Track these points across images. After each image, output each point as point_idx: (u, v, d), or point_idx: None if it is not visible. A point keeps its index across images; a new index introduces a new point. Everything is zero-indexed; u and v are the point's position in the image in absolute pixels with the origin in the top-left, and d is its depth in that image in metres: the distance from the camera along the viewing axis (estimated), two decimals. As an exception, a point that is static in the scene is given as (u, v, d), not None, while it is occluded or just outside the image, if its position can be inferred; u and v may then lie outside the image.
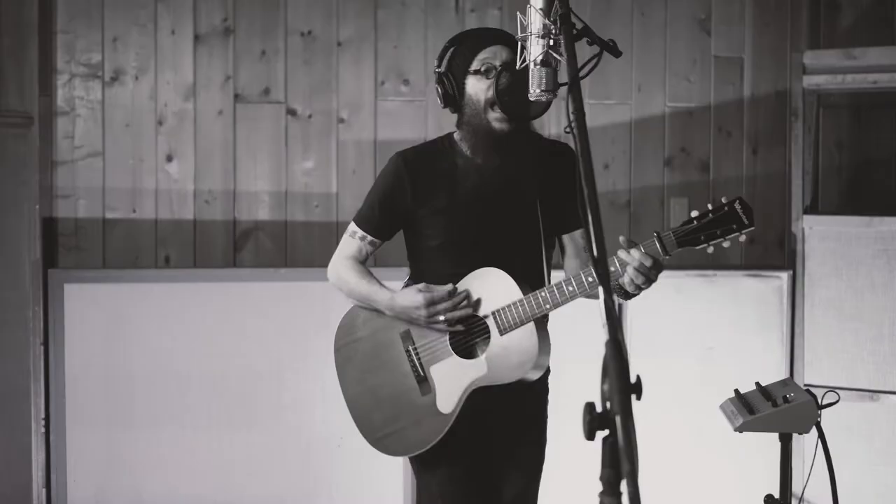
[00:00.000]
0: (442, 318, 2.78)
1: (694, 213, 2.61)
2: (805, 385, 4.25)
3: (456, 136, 2.90)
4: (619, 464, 1.55)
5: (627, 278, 2.59)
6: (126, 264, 4.35)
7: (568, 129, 1.88)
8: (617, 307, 2.72)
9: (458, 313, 2.79)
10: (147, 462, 4.18)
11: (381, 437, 2.93)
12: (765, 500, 2.75)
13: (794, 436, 4.23)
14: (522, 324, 2.73)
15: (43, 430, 4.11)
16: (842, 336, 4.21)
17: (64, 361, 4.10)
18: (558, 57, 2.20)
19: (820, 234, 4.29)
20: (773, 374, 4.25)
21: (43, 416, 4.11)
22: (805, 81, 4.33)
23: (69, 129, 4.31)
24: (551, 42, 2.17)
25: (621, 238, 2.62)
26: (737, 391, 2.98)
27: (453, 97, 2.81)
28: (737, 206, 2.56)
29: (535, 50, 2.19)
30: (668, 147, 4.71)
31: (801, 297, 4.30)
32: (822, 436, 2.77)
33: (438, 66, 2.83)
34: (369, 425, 2.95)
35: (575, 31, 1.99)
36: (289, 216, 4.46)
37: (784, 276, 4.32)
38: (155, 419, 4.17)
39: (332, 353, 3.05)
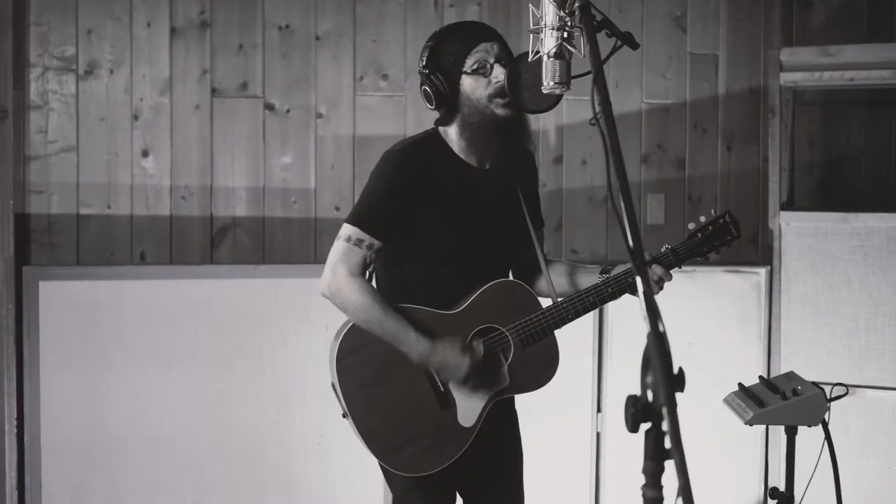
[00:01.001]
0: (477, 381, 2.75)
1: (692, 227, 2.84)
2: (782, 379, 4.30)
3: (443, 133, 2.84)
4: (662, 456, 1.54)
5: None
6: (100, 261, 4.27)
7: (593, 122, 1.87)
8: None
9: (490, 380, 2.77)
10: (124, 463, 4.11)
11: (397, 454, 2.77)
12: (770, 493, 2.76)
13: (771, 429, 4.30)
14: (545, 335, 2.74)
15: (16, 430, 4.02)
16: (818, 331, 4.25)
17: (38, 360, 4.01)
18: (572, 49, 2.19)
19: (796, 230, 4.33)
20: (752, 368, 4.29)
21: (16, 415, 4.02)
22: (782, 78, 4.36)
23: (42, 123, 4.22)
24: (565, 34, 2.16)
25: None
26: (741, 385, 2.99)
27: (446, 96, 2.74)
28: (727, 218, 2.85)
29: (549, 42, 2.17)
30: (645, 143, 4.73)
31: (777, 292, 4.33)
32: (826, 429, 2.79)
33: (424, 67, 2.77)
34: (382, 443, 2.77)
35: (595, 23, 1.98)
36: (266, 212, 4.40)
37: (762, 272, 4.36)
38: (132, 419, 4.10)
39: (329, 362, 2.85)
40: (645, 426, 1.56)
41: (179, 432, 4.14)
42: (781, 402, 2.74)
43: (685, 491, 1.39)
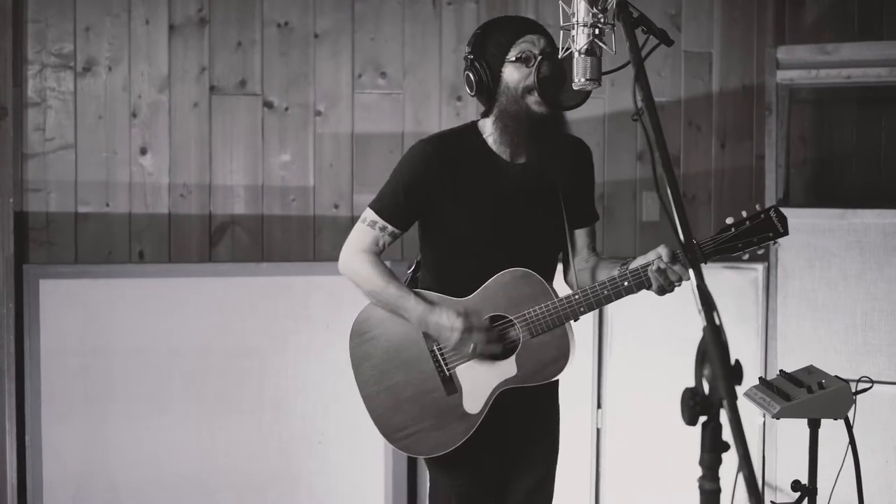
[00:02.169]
0: (472, 346, 2.74)
1: (729, 220, 2.67)
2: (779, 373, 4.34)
3: (481, 126, 2.86)
4: (720, 448, 1.55)
5: (657, 284, 2.63)
6: (98, 259, 4.24)
7: (635, 118, 1.89)
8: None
9: (489, 348, 2.77)
10: (125, 459, 4.08)
11: (402, 437, 2.86)
12: (792, 486, 2.79)
13: (761, 422, 4.33)
14: (554, 327, 2.74)
15: (16, 428, 3.99)
16: (815, 327, 4.29)
17: (39, 359, 3.98)
18: (603, 46, 2.20)
19: (794, 226, 4.28)
20: (750, 364, 4.33)
21: (16, 414, 3.99)
22: (779, 76, 4.39)
23: (40, 120, 4.19)
24: (596, 31, 2.17)
25: (662, 246, 2.66)
26: (762, 378, 3.01)
27: (487, 85, 2.75)
28: (772, 214, 2.67)
29: (581, 39, 2.19)
30: (640, 141, 4.75)
31: (774, 288, 4.37)
32: (848, 424, 2.81)
33: (469, 53, 2.78)
34: (390, 425, 2.88)
35: (631, 20, 1.99)
36: (265, 210, 4.39)
37: (759, 269, 4.39)
38: (132, 416, 4.08)
39: (344, 350, 2.95)
40: (702, 418, 1.57)
41: (179, 430, 4.12)
42: (808, 395, 2.76)
43: (750, 481, 1.41)
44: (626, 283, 2.69)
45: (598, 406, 4.34)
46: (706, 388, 1.56)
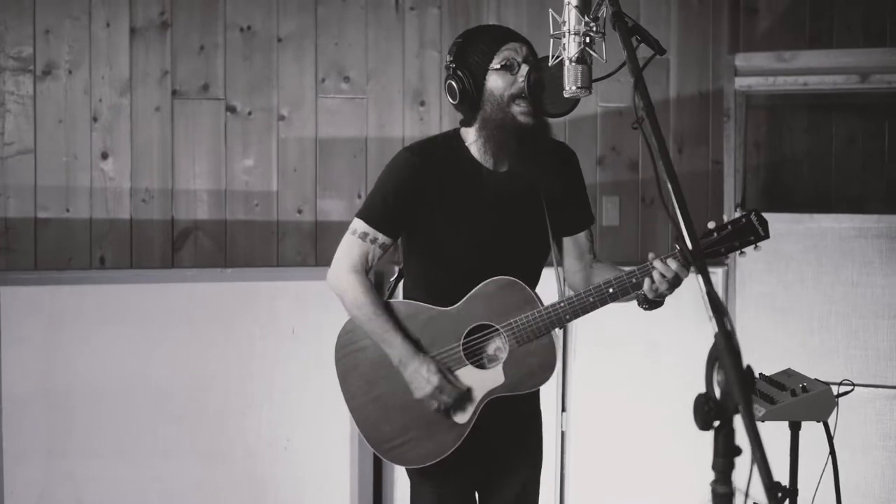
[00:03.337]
0: (436, 404, 2.77)
1: (711, 225, 2.68)
2: (737, 377, 4.41)
3: (464, 134, 2.85)
4: (733, 452, 1.58)
5: (652, 287, 2.66)
6: (59, 266, 4.18)
7: (636, 126, 1.91)
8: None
9: (447, 404, 2.78)
10: (88, 470, 4.02)
11: (390, 447, 2.85)
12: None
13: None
14: (540, 335, 2.74)
15: (-25, 439, 3.93)
16: (774, 329, 4.36)
17: (0, 366, 3.91)
18: (593, 54, 2.23)
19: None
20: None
21: (-25, 425, 3.93)
22: (737, 83, 4.46)
23: (-2, 124, 4.13)
24: (587, 39, 2.19)
25: (651, 254, 2.69)
26: (744, 383, 3.05)
27: (470, 93, 2.74)
28: (753, 217, 2.67)
29: (572, 47, 2.21)
30: (600, 146, 4.80)
31: (733, 291, 4.44)
32: (826, 426, 2.87)
33: (451, 62, 2.77)
34: (378, 435, 2.85)
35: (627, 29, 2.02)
36: (228, 215, 4.36)
37: (719, 272, 4.45)
38: (96, 426, 4.02)
39: (333, 360, 2.92)
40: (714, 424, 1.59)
41: (145, 437, 4.07)
42: (791, 398, 2.81)
43: (768, 484, 1.43)
44: (610, 290, 2.68)
45: (563, 409, 4.37)
46: (718, 393, 1.58)
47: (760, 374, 3.07)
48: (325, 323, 4.13)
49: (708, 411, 1.57)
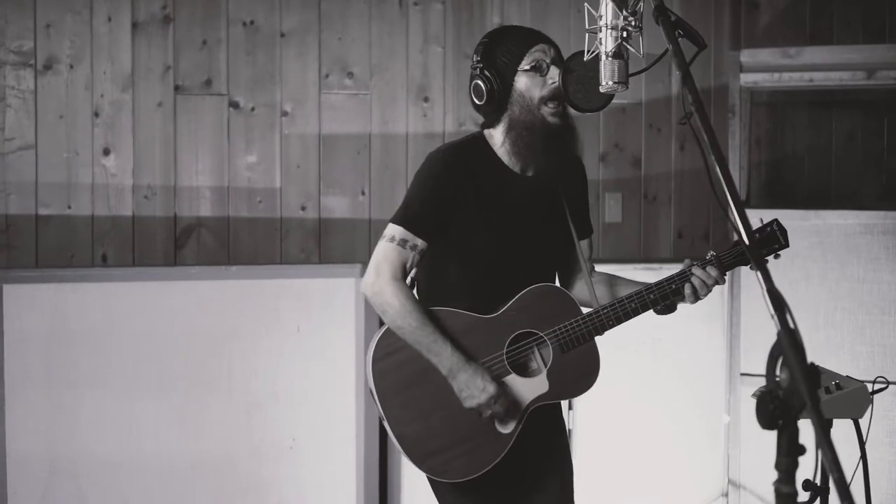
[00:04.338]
0: (489, 412, 2.69)
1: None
2: (742, 373, 4.40)
3: (488, 136, 2.83)
4: (797, 452, 1.56)
5: (692, 293, 2.75)
6: (60, 263, 4.13)
7: (683, 121, 1.89)
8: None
9: (500, 414, 2.72)
10: (92, 469, 3.97)
11: (432, 459, 2.72)
12: (803, 485, 2.81)
13: (733, 421, 4.39)
14: (585, 341, 2.74)
15: (-23, 439, 3.87)
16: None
17: (3, 366, 3.85)
18: (630, 49, 2.21)
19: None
20: (717, 363, 4.39)
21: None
22: (742, 79, 4.45)
23: (-1, 120, 4.07)
24: (624, 34, 2.17)
25: (686, 261, 2.81)
26: (772, 379, 3.03)
27: (497, 93, 2.72)
28: (775, 227, 2.82)
29: (609, 42, 2.19)
30: (603, 143, 4.78)
31: (739, 287, 4.43)
32: (857, 424, 2.85)
33: (478, 62, 2.74)
34: (419, 447, 2.72)
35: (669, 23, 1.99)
36: (231, 212, 4.31)
37: (725, 269, 4.44)
38: (99, 424, 3.97)
39: (366, 365, 2.79)
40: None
41: (148, 438, 4.02)
42: (827, 395, 2.79)
43: (841, 485, 1.41)
44: (652, 296, 2.76)
45: (570, 407, 4.35)
46: (781, 392, 1.55)
47: (787, 371, 3.05)
48: (330, 321, 4.15)
49: (773, 410, 1.53)
